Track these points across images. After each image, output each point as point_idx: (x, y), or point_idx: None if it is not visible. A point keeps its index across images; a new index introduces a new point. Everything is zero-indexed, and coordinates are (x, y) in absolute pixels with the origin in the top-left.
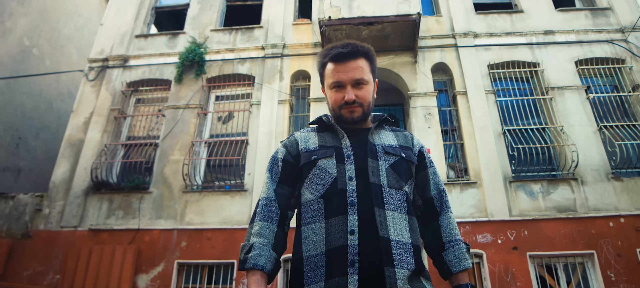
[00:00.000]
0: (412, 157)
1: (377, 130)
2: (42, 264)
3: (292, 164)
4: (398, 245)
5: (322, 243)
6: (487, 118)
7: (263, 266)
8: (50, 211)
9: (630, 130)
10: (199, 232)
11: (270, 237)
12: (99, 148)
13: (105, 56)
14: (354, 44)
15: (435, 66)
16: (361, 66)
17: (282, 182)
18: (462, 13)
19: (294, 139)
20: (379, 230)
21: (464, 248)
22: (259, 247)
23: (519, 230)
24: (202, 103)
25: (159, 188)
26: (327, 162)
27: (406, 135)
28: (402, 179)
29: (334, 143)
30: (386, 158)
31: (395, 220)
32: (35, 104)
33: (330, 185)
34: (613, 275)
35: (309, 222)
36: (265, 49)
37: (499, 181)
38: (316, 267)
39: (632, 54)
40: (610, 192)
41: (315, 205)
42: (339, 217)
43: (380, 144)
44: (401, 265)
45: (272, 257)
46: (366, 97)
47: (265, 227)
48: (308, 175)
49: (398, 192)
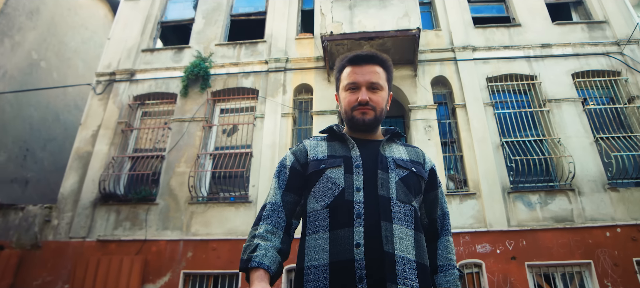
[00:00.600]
0: (422, 172)
1: (388, 143)
2: (51, 274)
3: (299, 172)
4: (402, 261)
5: (326, 254)
6: (485, 130)
7: (268, 266)
8: (59, 222)
9: (626, 141)
10: (205, 242)
11: (276, 241)
12: (107, 161)
13: (112, 70)
14: (373, 51)
15: (435, 79)
16: (378, 72)
17: (288, 190)
18: (461, 27)
19: (304, 147)
20: (384, 244)
21: (456, 275)
22: (265, 247)
23: (518, 240)
24: (207, 116)
25: (166, 200)
26: (335, 172)
27: (417, 151)
28: (411, 194)
29: (344, 153)
30: (397, 171)
31: (402, 235)
32: (43, 116)
33: (337, 195)
34: (610, 285)
35: (313, 232)
36: (269, 63)
37: (497, 192)
38: (317, 278)
39: (628, 66)
40: (606, 202)
41: (321, 215)
42: (345, 229)
43: (392, 157)
44: (404, 283)
45: (277, 259)
46: (379, 102)
47: (271, 231)
48: (315, 184)
49: (407, 206)
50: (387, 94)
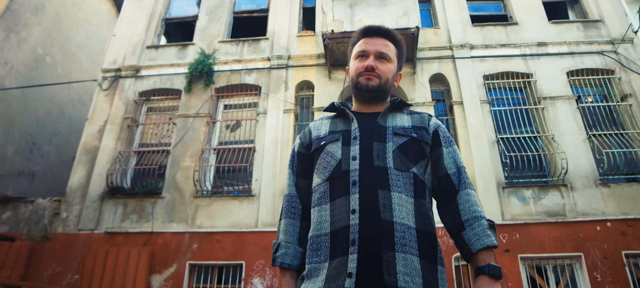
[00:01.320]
0: (425, 137)
1: (391, 113)
2: (61, 265)
3: (305, 155)
4: (402, 228)
5: (327, 224)
6: (481, 127)
7: (289, 264)
8: (68, 215)
9: (618, 138)
10: (209, 235)
11: (295, 233)
12: (114, 155)
13: (118, 66)
14: (387, 27)
15: (433, 77)
16: (389, 45)
17: (299, 175)
18: (459, 25)
19: (308, 129)
20: (381, 212)
21: (485, 225)
22: (285, 246)
23: (511, 234)
24: (211, 112)
25: (171, 194)
26: (333, 146)
27: (423, 115)
28: (410, 161)
29: (344, 127)
30: (394, 140)
31: (401, 202)
32: (48, 110)
33: (335, 167)
34: (599, 276)
35: (317, 205)
36: (271, 60)
37: (492, 187)
38: (318, 247)
39: (621, 65)
40: (598, 197)
41: (322, 187)
42: (343, 198)
43: (391, 126)
44: (403, 250)
45: (298, 253)
46: (386, 72)
47: (289, 224)
48: (317, 160)
49: (405, 174)
50: (395, 68)
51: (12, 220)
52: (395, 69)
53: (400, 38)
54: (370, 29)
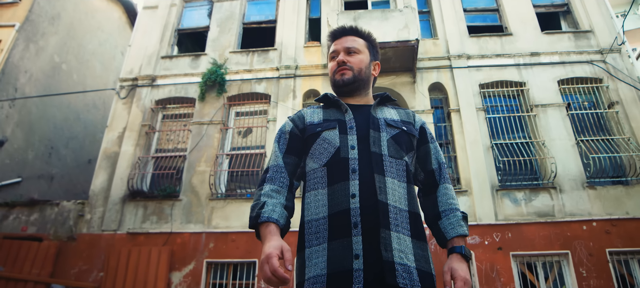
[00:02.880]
0: (413, 130)
1: (379, 107)
2: (86, 263)
3: (298, 136)
4: (395, 210)
5: (325, 208)
6: (477, 133)
7: (277, 220)
8: (92, 216)
9: (604, 143)
10: (225, 234)
11: (281, 198)
12: (133, 160)
13: (134, 76)
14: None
15: (432, 85)
16: (356, 40)
17: (289, 152)
18: (457, 36)
19: (301, 114)
20: (378, 194)
21: (459, 216)
22: (272, 204)
23: (504, 233)
24: (224, 119)
25: (188, 196)
26: (330, 133)
27: (408, 112)
28: (402, 150)
29: (338, 117)
30: (388, 130)
31: (394, 187)
32: (65, 116)
33: (333, 154)
34: (585, 272)
35: (312, 189)
36: (280, 70)
37: (486, 189)
38: (317, 230)
39: (609, 74)
40: (584, 199)
41: (319, 172)
42: (342, 183)
43: (383, 118)
44: (396, 229)
45: (284, 214)
46: (357, 63)
47: (275, 190)
48: (312, 146)
49: (398, 161)
50: (368, 58)
51: (39, 222)
52: (367, 59)
53: (366, 31)
54: (336, 31)
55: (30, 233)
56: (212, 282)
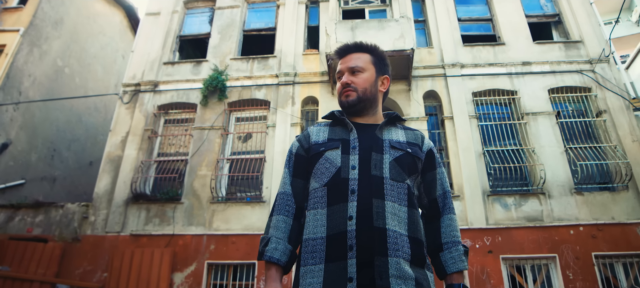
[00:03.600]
0: (419, 153)
1: (387, 127)
2: (91, 264)
3: (304, 157)
4: (394, 235)
5: (324, 228)
6: (469, 140)
7: (278, 259)
8: (96, 218)
9: (592, 151)
10: (225, 237)
11: (286, 230)
12: (136, 164)
13: (137, 81)
14: (359, 41)
15: (427, 93)
16: (360, 57)
17: (296, 175)
18: (451, 45)
19: (307, 133)
20: (374, 220)
21: (461, 251)
22: (276, 240)
23: (494, 237)
24: (225, 124)
25: (190, 199)
26: (332, 153)
27: (417, 133)
28: (404, 173)
29: (343, 136)
30: (391, 152)
31: (394, 211)
32: (67, 118)
33: (334, 174)
34: (571, 275)
35: (312, 208)
36: (279, 77)
37: (478, 195)
38: (314, 250)
39: (598, 83)
40: (572, 204)
41: (319, 192)
42: (341, 204)
43: (388, 139)
44: (396, 254)
45: (287, 249)
46: (360, 83)
47: (281, 221)
48: (315, 165)
49: (400, 184)
50: (373, 75)
51: (44, 223)
52: (372, 75)
53: (372, 45)
54: (341, 50)
55: (36, 234)
56: (213, 283)
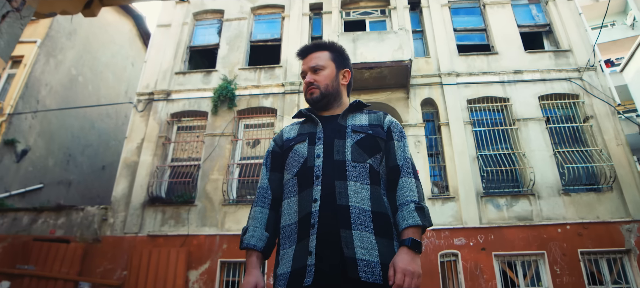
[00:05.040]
0: (380, 133)
1: (351, 113)
2: (111, 263)
3: (279, 153)
4: (357, 210)
5: (295, 213)
6: (464, 145)
7: (255, 245)
8: (115, 220)
9: (579, 154)
10: (236, 237)
11: (263, 219)
12: (152, 169)
13: (150, 90)
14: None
15: (424, 101)
16: (319, 56)
17: (273, 170)
18: (447, 55)
19: (281, 133)
20: (336, 199)
21: (412, 207)
22: (252, 229)
23: (487, 235)
24: (234, 131)
25: (203, 202)
26: (300, 146)
27: (379, 114)
28: (366, 154)
29: (310, 130)
30: (353, 136)
31: (356, 190)
32: (81, 125)
33: (302, 164)
34: (558, 270)
35: (286, 197)
36: (285, 86)
37: (472, 196)
38: (290, 234)
39: (585, 90)
40: (560, 204)
41: (291, 182)
42: (308, 190)
43: (351, 125)
44: (359, 228)
45: (263, 236)
46: (321, 80)
47: (258, 212)
48: (287, 159)
49: (361, 165)
50: (333, 70)
51: (66, 225)
52: (333, 71)
53: (329, 42)
54: (301, 51)
55: (58, 235)
56: (226, 280)
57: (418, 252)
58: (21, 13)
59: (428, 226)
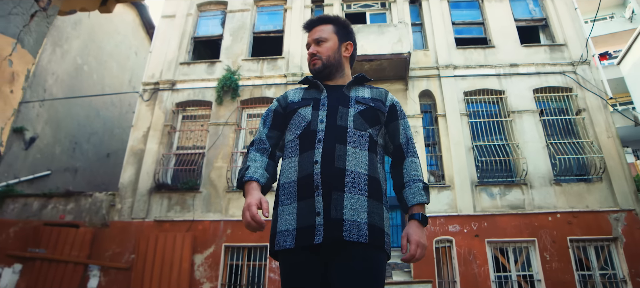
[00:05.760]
0: (382, 107)
1: (354, 86)
2: (119, 247)
3: (281, 114)
4: (353, 174)
5: (295, 172)
6: (460, 135)
7: (258, 179)
8: (122, 206)
9: (571, 146)
10: (240, 222)
11: (263, 162)
12: (157, 157)
13: (156, 80)
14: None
15: (422, 92)
16: (323, 29)
17: (273, 128)
18: (445, 48)
19: (286, 95)
20: (335, 162)
21: (420, 186)
22: (254, 167)
23: (481, 222)
24: (238, 121)
25: (207, 189)
26: (305, 110)
27: (381, 91)
28: (366, 123)
29: (314, 96)
30: (356, 106)
31: (355, 155)
32: (87, 113)
33: (305, 127)
34: (548, 256)
35: (287, 157)
36: (287, 77)
37: (467, 185)
38: (289, 191)
39: (578, 84)
40: (551, 194)
41: (293, 143)
42: (309, 152)
43: (354, 96)
44: (352, 191)
45: (264, 174)
46: (324, 51)
47: (257, 156)
48: (290, 121)
49: (362, 133)
50: (336, 43)
51: (75, 211)
52: (335, 43)
53: (334, 16)
54: (307, 24)
55: (68, 220)
56: (229, 263)
57: (425, 225)
58: (47, 12)
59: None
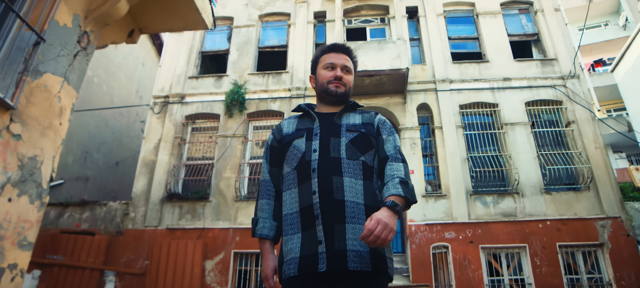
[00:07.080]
0: (372, 131)
1: (345, 113)
2: (133, 254)
3: (277, 148)
4: (352, 204)
5: (296, 204)
6: (456, 147)
7: (267, 235)
8: (135, 215)
9: (561, 157)
10: (248, 230)
11: (270, 210)
12: (168, 168)
13: (166, 94)
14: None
15: (420, 105)
16: (349, 60)
17: (273, 164)
18: (442, 63)
19: (280, 126)
20: (334, 194)
21: (396, 181)
22: (263, 220)
23: (475, 229)
24: (245, 133)
25: (217, 198)
26: (299, 141)
27: (371, 114)
28: (359, 151)
29: (308, 126)
30: (347, 135)
31: (351, 185)
32: (97, 123)
33: (300, 158)
34: (539, 261)
35: (287, 189)
36: (291, 91)
37: (462, 194)
38: (292, 222)
39: (568, 97)
40: (541, 202)
41: (291, 175)
42: (307, 183)
43: (345, 124)
44: (352, 221)
45: (273, 226)
46: (349, 81)
47: (265, 203)
48: (286, 153)
49: (355, 162)
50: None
51: (90, 219)
52: (353, 78)
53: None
54: (336, 46)
55: (84, 228)
56: (239, 269)
57: (396, 212)
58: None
59: (411, 200)
